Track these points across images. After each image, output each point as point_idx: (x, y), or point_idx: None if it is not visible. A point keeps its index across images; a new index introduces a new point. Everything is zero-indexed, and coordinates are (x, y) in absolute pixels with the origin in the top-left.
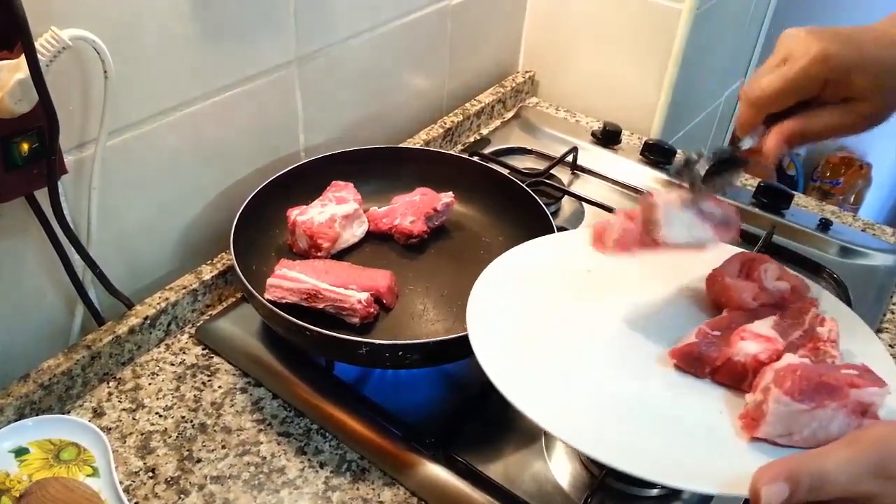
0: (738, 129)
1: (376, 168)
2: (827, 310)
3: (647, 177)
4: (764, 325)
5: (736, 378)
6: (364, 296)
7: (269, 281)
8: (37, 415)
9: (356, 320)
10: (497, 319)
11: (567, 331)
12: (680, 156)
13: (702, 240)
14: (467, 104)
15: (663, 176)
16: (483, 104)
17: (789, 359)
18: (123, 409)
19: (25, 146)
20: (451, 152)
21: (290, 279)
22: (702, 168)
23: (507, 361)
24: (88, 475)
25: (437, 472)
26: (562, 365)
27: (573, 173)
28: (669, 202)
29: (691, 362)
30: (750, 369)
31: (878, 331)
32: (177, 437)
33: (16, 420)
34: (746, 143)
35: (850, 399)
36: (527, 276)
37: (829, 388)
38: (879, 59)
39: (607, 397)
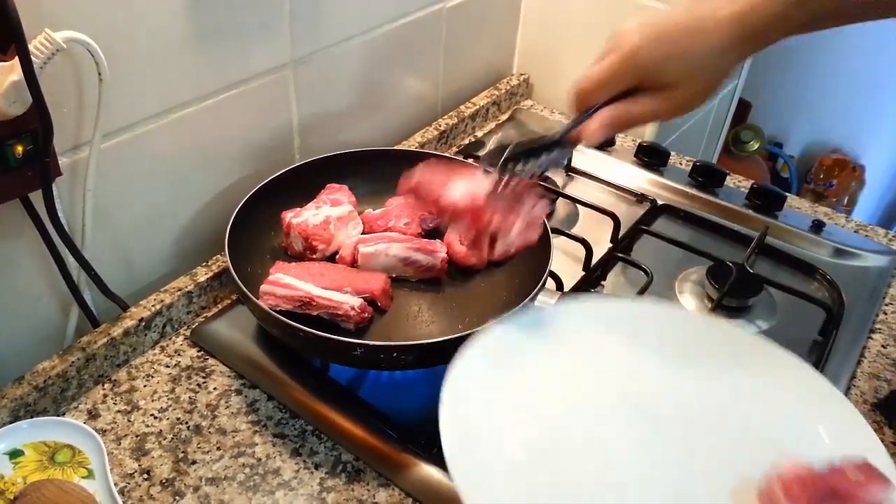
0: (575, 109)
1: (371, 170)
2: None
3: (641, 179)
4: None
5: None
6: (357, 302)
7: (263, 288)
8: (31, 417)
9: (350, 326)
10: (474, 440)
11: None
12: (493, 143)
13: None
14: (462, 106)
15: (657, 178)
16: (478, 106)
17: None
18: (118, 411)
19: (20, 148)
20: (446, 154)
21: (284, 285)
22: (509, 151)
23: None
24: (83, 477)
25: (431, 472)
26: None
27: (568, 175)
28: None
29: None
30: None
31: (871, 331)
32: (172, 438)
33: (10, 422)
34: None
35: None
36: (495, 382)
37: (839, 496)
38: (689, 53)
39: None
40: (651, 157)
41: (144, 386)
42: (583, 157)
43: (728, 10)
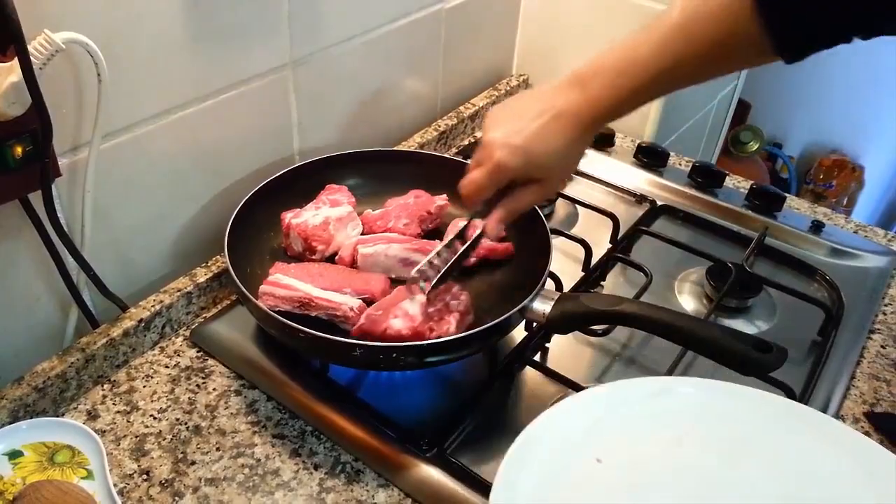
0: (466, 207)
1: (370, 171)
2: None
3: (641, 179)
4: None
5: None
6: (356, 303)
7: (262, 288)
8: (31, 417)
9: (349, 327)
10: None
11: None
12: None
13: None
14: (461, 107)
15: (656, 178)
16: (477, 107)
17: None
18: (118, 412)
19: (19, 149)
20: (445, 155)
21: (283, 286)
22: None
23: None
24: (83, 478)
25: (431, 473)
26: None
27: None
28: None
29: None
30: None
31: (870, 332)
32: (171, 439)
33: (10, 423)
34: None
35: None
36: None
37: None
38: (543, 155)
39: None
40: (650, 157)
41: (144, 386)
42: (583, 157)
43: (572, 106)
